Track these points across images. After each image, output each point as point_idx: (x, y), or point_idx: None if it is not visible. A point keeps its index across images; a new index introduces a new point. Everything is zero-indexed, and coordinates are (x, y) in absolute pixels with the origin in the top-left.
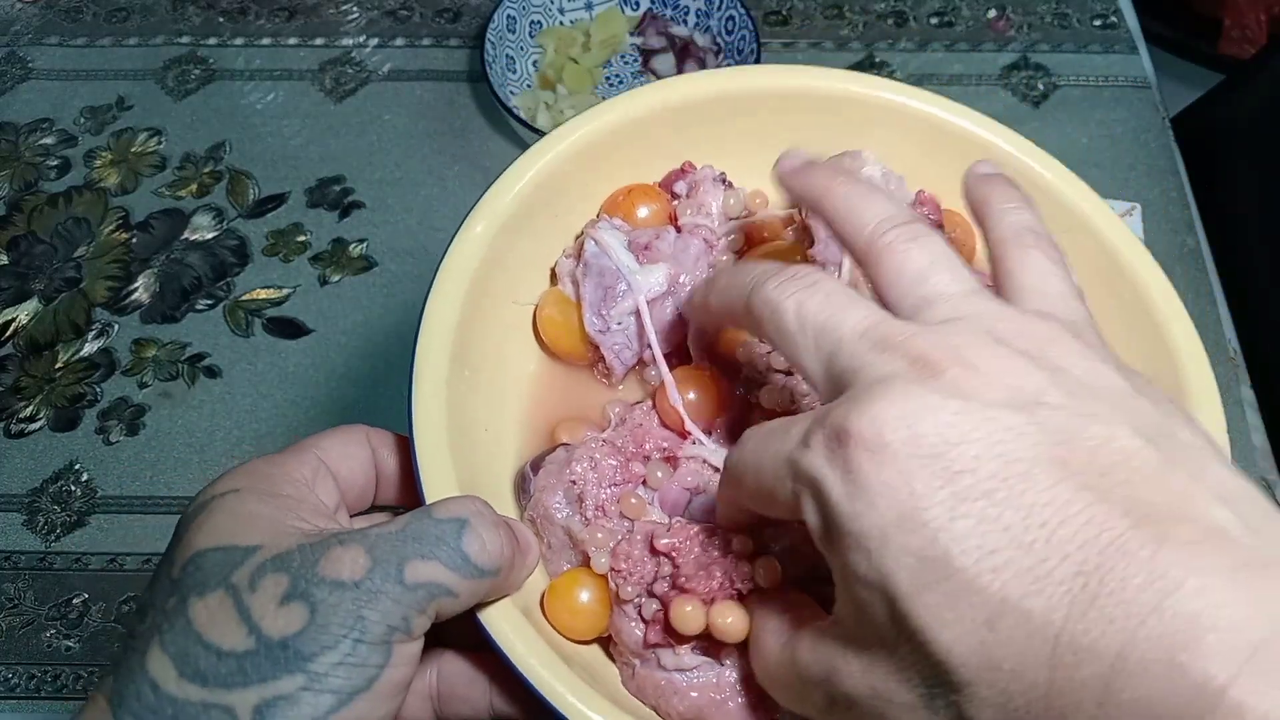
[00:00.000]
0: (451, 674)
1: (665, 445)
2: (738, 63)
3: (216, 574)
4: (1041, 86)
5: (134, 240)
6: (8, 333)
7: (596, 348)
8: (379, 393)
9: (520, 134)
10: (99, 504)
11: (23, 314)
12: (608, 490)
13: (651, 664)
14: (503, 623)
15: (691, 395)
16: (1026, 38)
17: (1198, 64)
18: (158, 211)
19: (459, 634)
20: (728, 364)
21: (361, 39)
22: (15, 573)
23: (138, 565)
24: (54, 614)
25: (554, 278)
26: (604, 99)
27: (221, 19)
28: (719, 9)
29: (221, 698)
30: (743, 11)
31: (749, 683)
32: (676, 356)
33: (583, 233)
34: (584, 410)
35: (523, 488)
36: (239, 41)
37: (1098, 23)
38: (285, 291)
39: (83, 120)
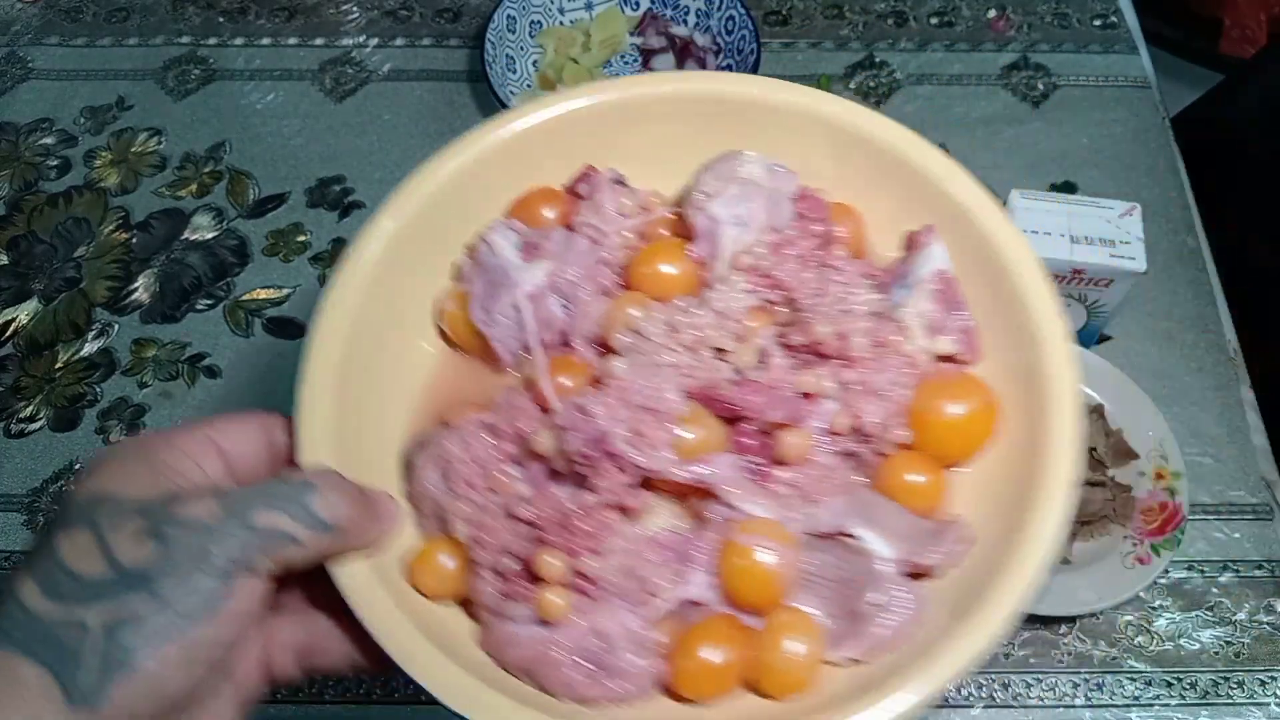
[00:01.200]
0: (317, 631)
1: (538, 426)
2: (738, 62)
3: (84, 514)
4: (1041, 86)
5: (134, 240)
6: (8, 333)
7: (482, 340)
8: None
9: None
10: None
11: (23, 314)
12: (476, 466)
13: (501, 620)
14: (357, 583)
15: (564, 380)
16: (1026, 38)
17: (1198, 64)
18: (158, 211)
19: (331, 599)
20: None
21: (361, 39)
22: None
23: None
24: None
25: (460, 275)
26: None
27: (221, 19)
28: (719, 9)
29: (76, 613)
30: (743, 11)
31: (584, 650)
32: (560, 346)
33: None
34: (481, 397)
35: (408, 466)
36: (239, 41)
37: (1098, 23)
38: (285, 291)
39: (83, 120)
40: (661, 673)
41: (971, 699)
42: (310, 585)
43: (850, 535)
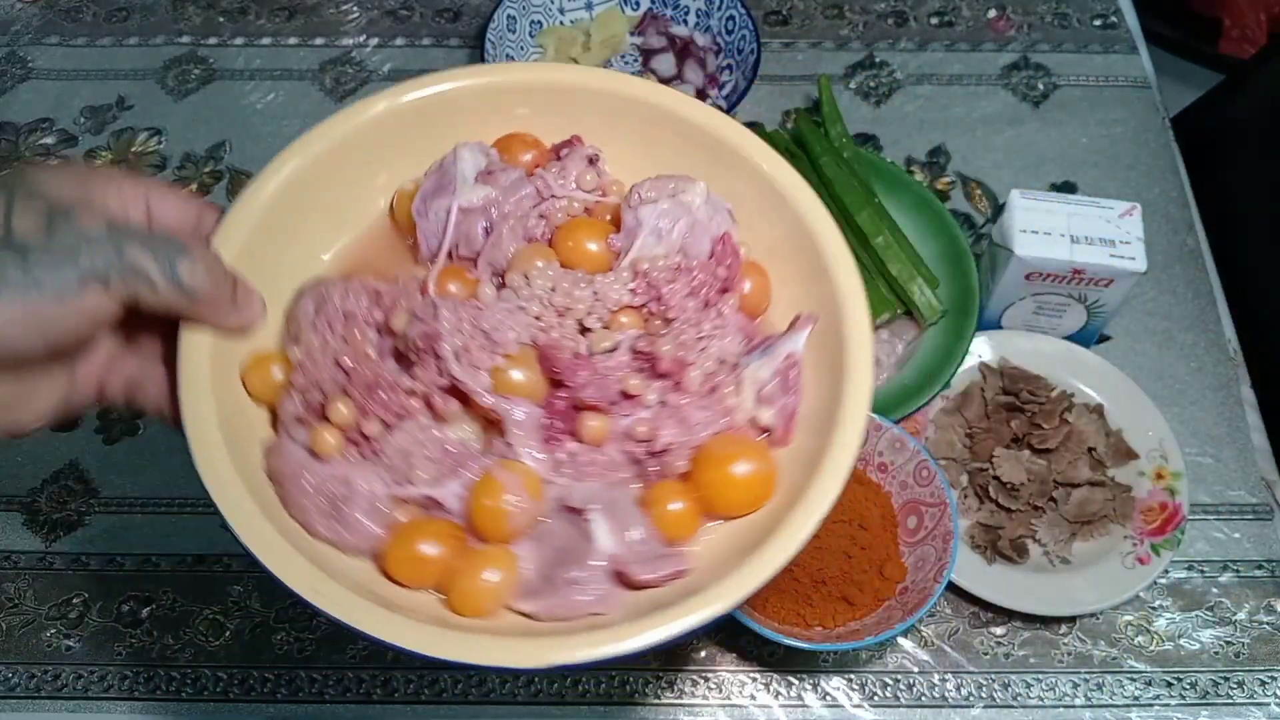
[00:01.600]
0: (150, 375)
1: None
2: (738, 62)
3: (8, 186)
4: (1041, 86)
5: None
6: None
7: (415, 227)
8: None
9: None
10: (99, 504)
11: None
12: (342, 315)
13: (284, 435)
14: (190, 349)
15: (451, 286)
16: (1027, 38)
17: (1198, 64)
18: None
19: (173, 357)
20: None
21: (362, 39)
22: (15, 572)
23: (137, 565)
24: (54, 614)
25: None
26: None
27: (222, 19)
28: (719, 9)
29: None
30: (743, 11)
31: (328, 490)
32: (468, 261)
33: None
34: (389, 273)
35: (299, 294)
36: (239, 41)
37: (1098, 23)
38: None
39: (83, 120)
40: (380, 544)
41: (971, 699)
42: (168, 342)
43: (586, 518)
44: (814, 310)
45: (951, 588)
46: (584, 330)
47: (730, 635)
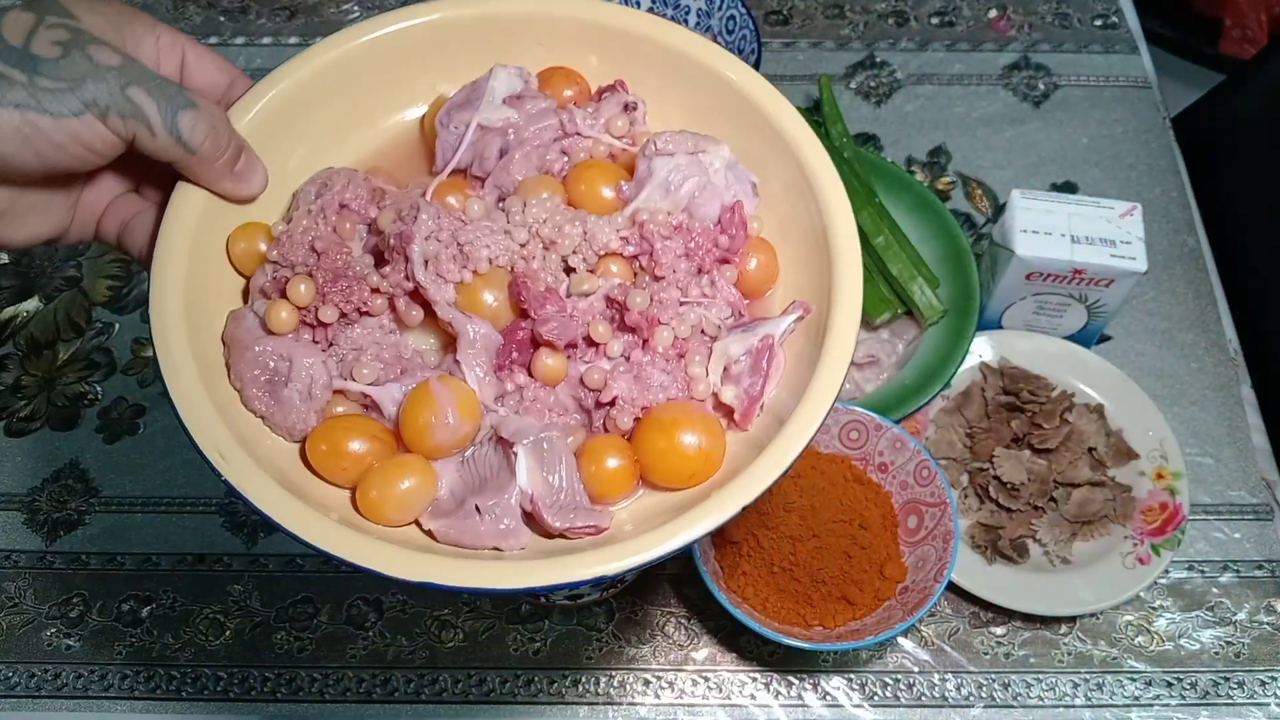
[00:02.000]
0: (144, 219)
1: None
2: None
3: (42, 6)
4: (1042, 86)
5: None
6: (8, 331)
7: (435, 136)
8: None
9: None
10: (99, 503)
11: (23, 313)
12: (338, 204)
13: (246, 306)
14: (179, 205)
15: (450, 199)
16: (1027, 37)
17: (1198, 64)
18: None
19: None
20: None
21: None
22: (15, 572)
23: (137, 565)
24: (54, 613)
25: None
26: None
27: (222, 18)
28: (720, 9)
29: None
30: (743, 11)
31: (272, 365)
32: (477, 179)
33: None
34: (402, 176)
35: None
36: (240, 40)
37: (1098, 22)
38: None
39: None
40: (307, 430)
41: (971, 699)
42: (169, 194)
43: (514, 451)
44: (811, 301)
45: (952, 587)
46: (569, 270)
47: (730, 635)
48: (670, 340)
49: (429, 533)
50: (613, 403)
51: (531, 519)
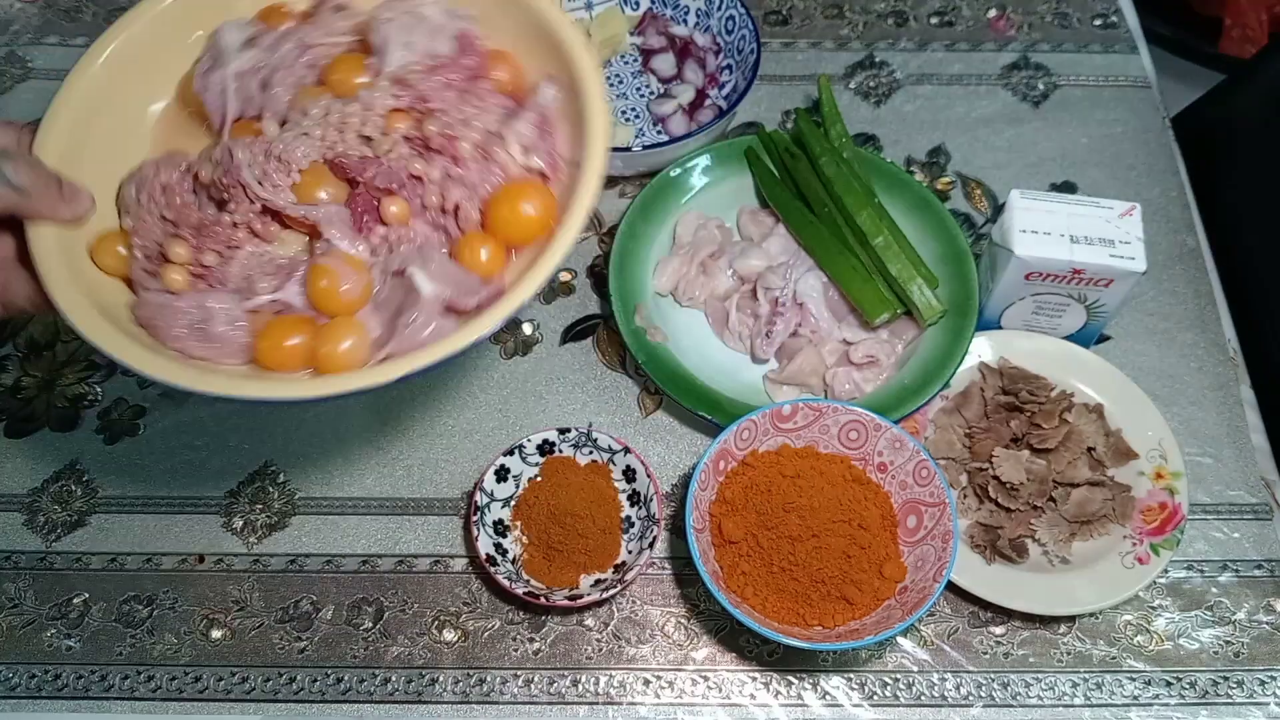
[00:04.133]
0: (14, 277)
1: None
2: (738, 63)
3: None
4: (1042, 86)
5: None
6: (8, 333)
7: (200, 102)
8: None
9: None
10: (99, 504)
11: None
12: (160, 186)
13: (141, 289)
14: (41, 243)
15: (245, 139)
16: (1027, 37)
17: (1198, 64)
18: None
19: (27, 258)
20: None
21: None
22: (16, 572)
23: (138, 565)
24: (54, 614)
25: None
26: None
27: None
28: (719, 9)
29: None
30: (743, 11)
31: (192, 318)
32: (251, 119)
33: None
34: (193, 148)
35: (122, 185)
36: None
37: (1098, 22)
38: None
39: None
40: (249, 349)
41: (971, 698)
42: (20, 244)
43: (408, 274)
44: (556, 75)
45: (951, 587)
46: (367, 141)
47: (730, 635)
48: (471, 148)
49: (385, 359)
50: (457, 209)
51: (449, 312)
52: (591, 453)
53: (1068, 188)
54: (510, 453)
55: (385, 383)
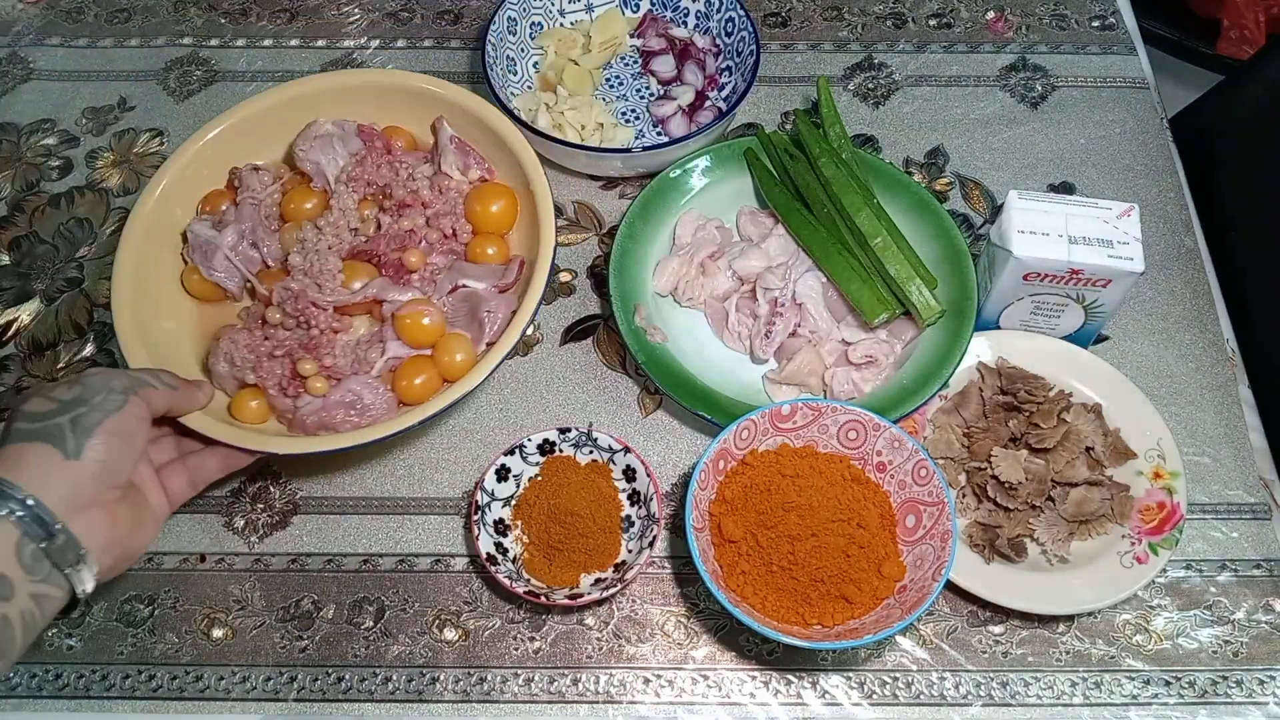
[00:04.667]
0: (191, 461)
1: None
2: (737, 64)
3: (29, 395)
4: (1040, 87)
5: None
6: (10, 333)
7: (217, 284)
8: None
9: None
10: None
11: (24, 314)
12: (245, 348)
13: (297, 412)
14: (197, 420)
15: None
16: (1025, 39)
17: (1196, 65)
18: None
19: (190, 448)
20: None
21: (363, 40)
22: None
23: (139, 564)
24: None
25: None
26: (603, 101)
27: (223, 20)
28: (719, 11)
29: (51, 421)
30: (742, 13)
31: (346, 404)
32: (264, 269)
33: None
34: (230, 319)
35: (206, 369)
36: (240, 43)
37: (1096, 24)
38: None
39: (84, 121)
40: (394, 398)
41: (969, 697)
42: (182, 448)
43: (463, 286)
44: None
45: (950, 586)
46: (355, 232)
47: (730, 633)
48: (428, 191)
49: (488, 344)
50: (455, 232)
51: (501, 293)
52: (592, 452)
53: (1066, 188)
54: (511, 452)
55: (495, 367)
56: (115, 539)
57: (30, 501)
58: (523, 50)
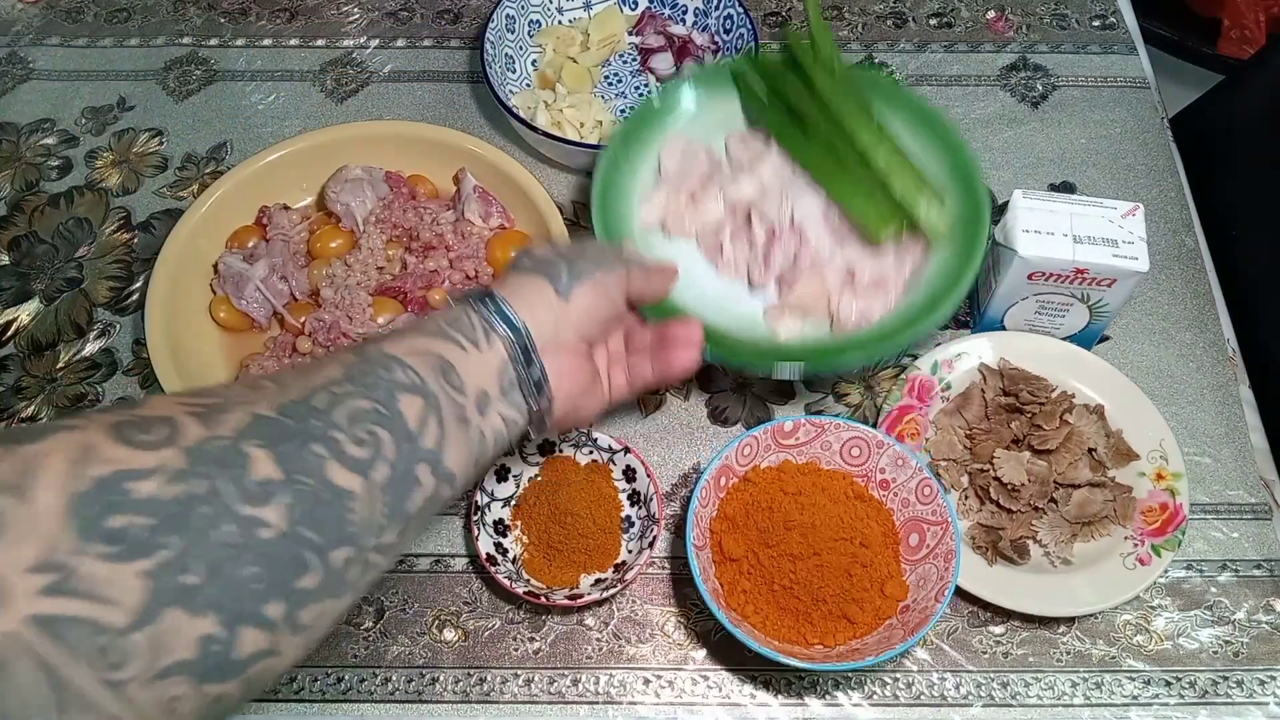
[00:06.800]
0: (637, 360)
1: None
2: None
3: (539, 246)
4: (1040, 87)
5: (135, 240)
6: (9, 333)
7: (246, 314)
8: None
9: (519, 133)
10: None
11: (24, 314)
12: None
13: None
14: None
15: (301, 316)
16: (1025, 38)
17: (1196, 64)
18: (159, 212)
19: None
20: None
21: (363, 40)
22: None
23: None
24: None
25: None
26: (602, 98)
27: (223, 20)
28: (717, 8)
29: (552, 260)
30: (741, 11)
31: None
32: (292, 301)
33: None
34: (257, 348)
35: None
36: (240, 42)
37: (1096, 23)
38: None
39: (84, 121)
40: None
41: (970, 698)
42: (631, 345)
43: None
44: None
45: None
46: (381, 270)
47: (730, 635)
48: (453, 235)
49: None
50: (476, 274)
51: None
52: (592, 452)
53: (1066, 188)
54: (510, 452)
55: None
56: (571, 393)
57: (523, 329)
58: (521, 48)
